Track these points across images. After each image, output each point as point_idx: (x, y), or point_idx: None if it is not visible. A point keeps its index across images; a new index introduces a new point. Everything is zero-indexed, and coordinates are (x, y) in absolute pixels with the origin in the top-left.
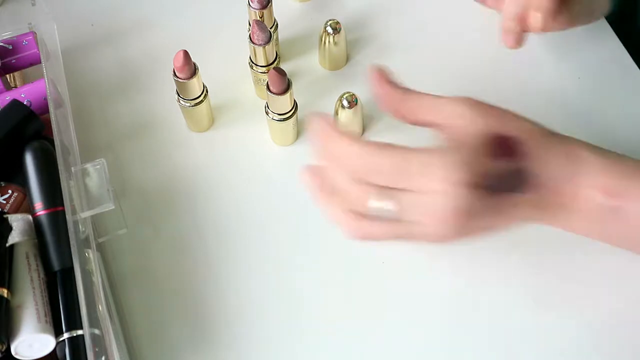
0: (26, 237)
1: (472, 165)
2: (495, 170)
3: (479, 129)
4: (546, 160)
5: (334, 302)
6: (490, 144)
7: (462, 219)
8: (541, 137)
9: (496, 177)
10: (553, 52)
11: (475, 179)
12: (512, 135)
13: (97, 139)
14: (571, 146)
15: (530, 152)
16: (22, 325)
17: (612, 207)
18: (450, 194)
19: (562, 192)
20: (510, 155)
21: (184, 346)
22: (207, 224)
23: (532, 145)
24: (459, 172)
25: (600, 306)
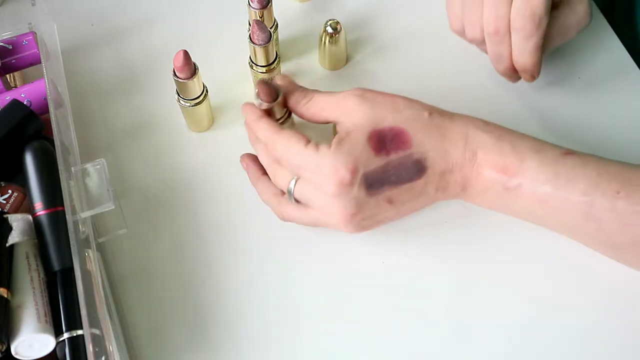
0: (26, 237)
1: (355, 162)
2: (379, 164)
3: (364, 123)
4: (433, 146)
5: (334, 302)
6: (373, 137)
7: (356, 218)
8: (427, 123)
9: (380, 171)
10: (553, 52)
11: (359, 176)
12: (395, 125)
13: (97, 139)
14: (463, 128)
15: (414, 140)
16: (22, 325)
17: (510, 185)
18: (338, 196)
19: (459, 173)
20: (395, 146)
21: (184, 346)
22: (207, 223)
23: (416, 132)
24: (344, 171)
25: None
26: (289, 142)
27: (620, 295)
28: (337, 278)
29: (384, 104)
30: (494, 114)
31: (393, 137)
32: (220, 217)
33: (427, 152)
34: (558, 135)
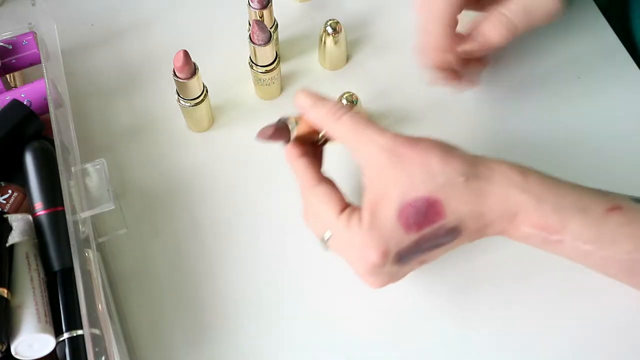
0: (26, 237)
1: (386, 245)
2: (411, 241)
3: (393, 191)
4: (468, 213)
5: (335, 301)
6: (404, 213)
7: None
8: (463, 189)
9: (413, 246)
10: (553, 52)
11: (391, 256)
12: (428, 195)
13: (97, 138)
14: (502, 190)
15: (448, 209)
16: (22, 325)
17: (551, 239)
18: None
19: (497, 227)
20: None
21: (184, 346)
22: (207, 224)
23: (451, 200)
24: (374, 255)
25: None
26: (322, 206)
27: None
28: (338, 278)
29: (416, 167)
30: (494, 114)
31: (426, 209)
32: (220, 217)
33: (462, 219)
34: (558, 135)
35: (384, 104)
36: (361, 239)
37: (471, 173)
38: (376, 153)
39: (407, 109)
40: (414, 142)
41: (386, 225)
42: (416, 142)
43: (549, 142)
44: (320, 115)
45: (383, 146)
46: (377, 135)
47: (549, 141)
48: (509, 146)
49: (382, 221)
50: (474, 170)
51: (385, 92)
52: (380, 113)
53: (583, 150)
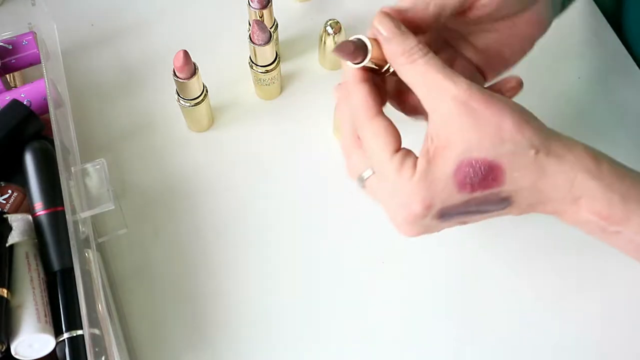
0: (26, 237)
1: (432, 199)
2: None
3: (457, 146)
4: (527, 186)
5: (335, 302)
6: (461, 171)
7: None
8: (531, 162)
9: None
10: (552, 52)
11: (434, 210)
12: (493, 160)
13: (97, 139)
14: (571, 173)
15: (508, 178)
16: (22, 325)
17: (609, 230)
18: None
19: (552, 206)
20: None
21: (184, 346)
22: (207, 223)
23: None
24: (417, 207)
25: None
26: (377, 140)
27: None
28: (338, 278)
29: (487, 127)
30: None
31: (486, 173)
32: (219, 217)
33: (519, 191)
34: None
35: None
36: (410, 187)
37: (543, 147)
38: (447, 103)
39: None
40: (490, 99)
41: (440, 178)
42: (492, 100)
43: None
44: (394, 52)
45: (456, 97)
46: (451, 84)
47: None
48: None
49: (436, 174)
50: (547, 145)
51: None
52: None
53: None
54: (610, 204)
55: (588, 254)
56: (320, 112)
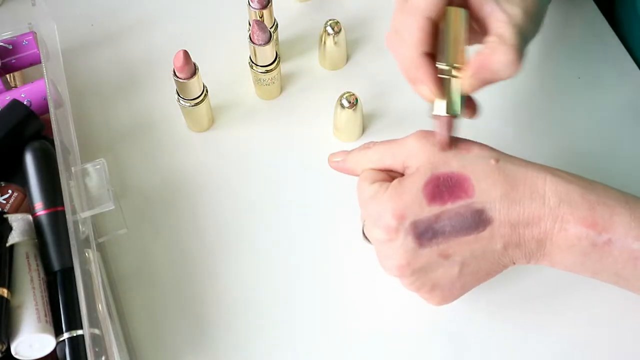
0: (26, 237)
1: (403, 209)
2: (431, 213)
3: (425, 165)
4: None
5: (335, 302)
6: (430, 184)
7: (408, 269)
8: (494, 170)
9: (432, 220)
10: (552, 52)
11: (407, 223)
12: (457, 171)
13: (97, 138)
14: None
15: (477, 188)
16: (22, 325)
17: (599, 241)
18: (386, 242)
19: (537, 227)
20: (454, 195)
21: (184, 346)
22: (207, 224)
23: (480, 180)
24: (389, 217)
25: None
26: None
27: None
28: (338, 279)
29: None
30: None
31: (453, 184)
32: (220, 217)
33: (492, 203)
34: (557, 135)
35: (384, 104)
36: (381, 204)
37: (503, 157)
38: (413, 139)
39: (407, 109)
40: None
41: (409, 192)
42: None
43: (549, 142)
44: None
45: (412, 136)
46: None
47: (549, 141)
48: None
49: (406, 189)
50: (506, 156)
51: (385, 92)
52: (380, 113)
53: (583, 151)
54: (591, 205)
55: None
56: (320, 112)
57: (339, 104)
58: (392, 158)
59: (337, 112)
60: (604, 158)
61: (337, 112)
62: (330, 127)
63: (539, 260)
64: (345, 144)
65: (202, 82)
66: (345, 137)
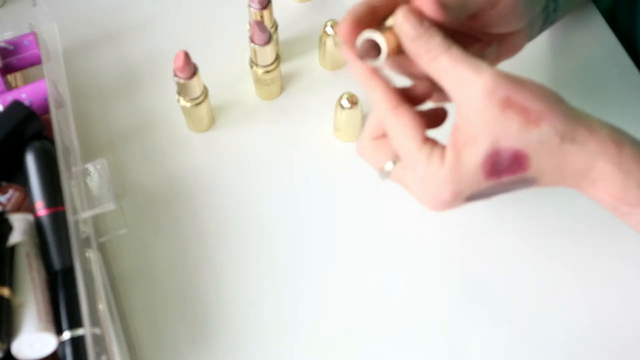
0: (27, 237)
1: (462, 189)
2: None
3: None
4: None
5: (335, 303)
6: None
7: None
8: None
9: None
10: (551, 53)
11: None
12: (518, 149)
13: (98, 139)
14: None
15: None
16: (23, 324)
17: (621, 210)
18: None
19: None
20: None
21: (184, 345)
22: (208, 224)
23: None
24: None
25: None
26: (404, 131)
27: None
28: (339, 280)
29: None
30: None
31: (512, 162)
32: (220, 217)
33: (543, 174)
34: None
35: None
36: (440, 178)
37: (568, 135)
38: (474, 95)
39: None
40: (518, 86)
41: (468, 169)
42: (519, 87)
43: None
44: (418, 52)
45: (482, 87)
46: (477, 76)
47: None
48: None
49: (465, 165)
50: (572, 131)
51: None
52: None
53: None
54: (626, 188)
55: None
56: (320, 112)
57: (339, 104)
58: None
59: (337, 112)
60: None
61: (337, 112)
62: (330, 127)
63: None
64: (346, 144)
65: (203, 83)
66: (346, 137)
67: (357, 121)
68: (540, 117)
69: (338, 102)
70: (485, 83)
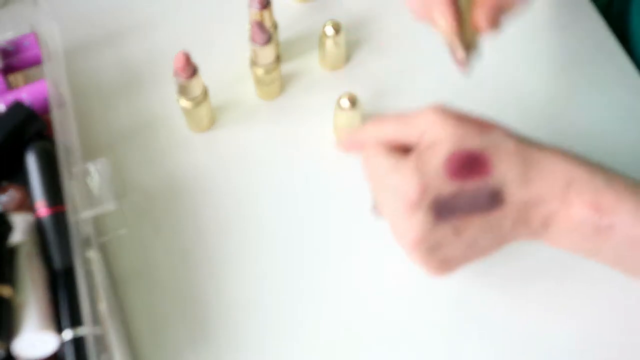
0: (28, 237)
1: (426, 184)
2: (451, 190)
3: (447, 139)
4: (515, 177)
5: (335, 303)
6: (452, 160)
7: (422, 244)
8: (513, 152)
9: (452, 197)
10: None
11: (429, 199)
12: (479, 149)
13: (98, 139)
14: (553, 159)
15: (495, 168)
16: (24, 324)
17: (602, 224)
18: (405, 215)
19: (544, 208)
20: (473, 172)
21: (185, 345)
22: (208, 224)
23: (500, 160)
24: (412, 191)
25: None
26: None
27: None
28: (339, 281)
29: (472, 123)
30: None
31: (474, 162)
32: (221, 217)
33: (508, 184)
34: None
35: (384, 104)
36: (404, 175)
37: (523, 140)
38: (431, 112)
39: (407, 109)
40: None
41: (431, 167)
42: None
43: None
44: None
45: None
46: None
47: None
48: None
49: (428, 164)
50: (526, 139)
51: (385, 92)
52: (380, 113)
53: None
54: (597, 189)
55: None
56: (320, 112)
57: (338, 105)
58: (408, 130)
59: (337, 113)
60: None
61: (337, 112)
62: (331, 127)
63: (541, 238)
64: None
65: (203, 83)
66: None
67: (356, 121)
68: (492, 125)
69: (338, 103)
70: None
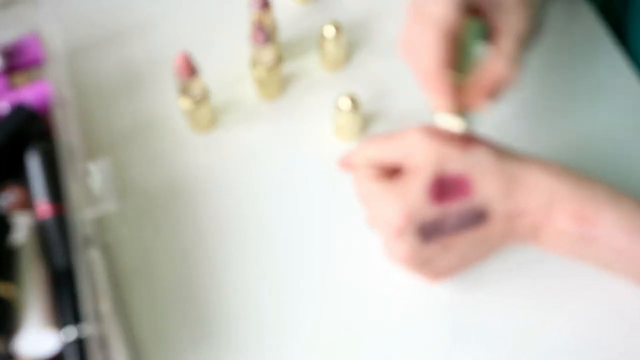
0: (29, 237)
1: (410, 211)
2: (435, 214)
3: (427, 164)
4: (496, 192)
5: (335, 302)
6: (434, 185)
7: (413, 261)
8: (495, 168)
9: (437, 221)
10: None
11: (414, 225)
12: (460, 171)
13: (100, 139)
14: (536, 171)
15: (477, 186)
16: (26, 323)
17: (586, 236)
18: (393, 239)
19: (529, 219)
20: (456, 193)
21: (186, 344)
22: (209, 224)
23: (481, 178)
24: (396, 219)
25: None
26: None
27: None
28: (339, 281)
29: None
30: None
31: (455, 184)
32: (221, 217)
33: (491, 200)
34: (555, 138)
35: (384, 104)
36: (388, 203)
37: (505, 154)
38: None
39: (407, 109)
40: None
41: (414, 194)
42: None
43: (546, 147)
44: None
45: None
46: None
47: (547, 147)
48: None
49: (411, 192)
50: (508, 153)
51: (385, 92)
52: (380, 113)
53: (580, 156)
54: (580, 202)
55: None
56: (320, 112)
57: (338, 105)
58: (394, 153)
59: (337, 113)
60: (601, 164)
61: (337, 112)
62: (331, 127)
63: (533, 243)
64: (346, 144)
65: (203, 83)
66: (346, 138)
67: (356, 122)
68: (474, 142)
69: (338, 103)
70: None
